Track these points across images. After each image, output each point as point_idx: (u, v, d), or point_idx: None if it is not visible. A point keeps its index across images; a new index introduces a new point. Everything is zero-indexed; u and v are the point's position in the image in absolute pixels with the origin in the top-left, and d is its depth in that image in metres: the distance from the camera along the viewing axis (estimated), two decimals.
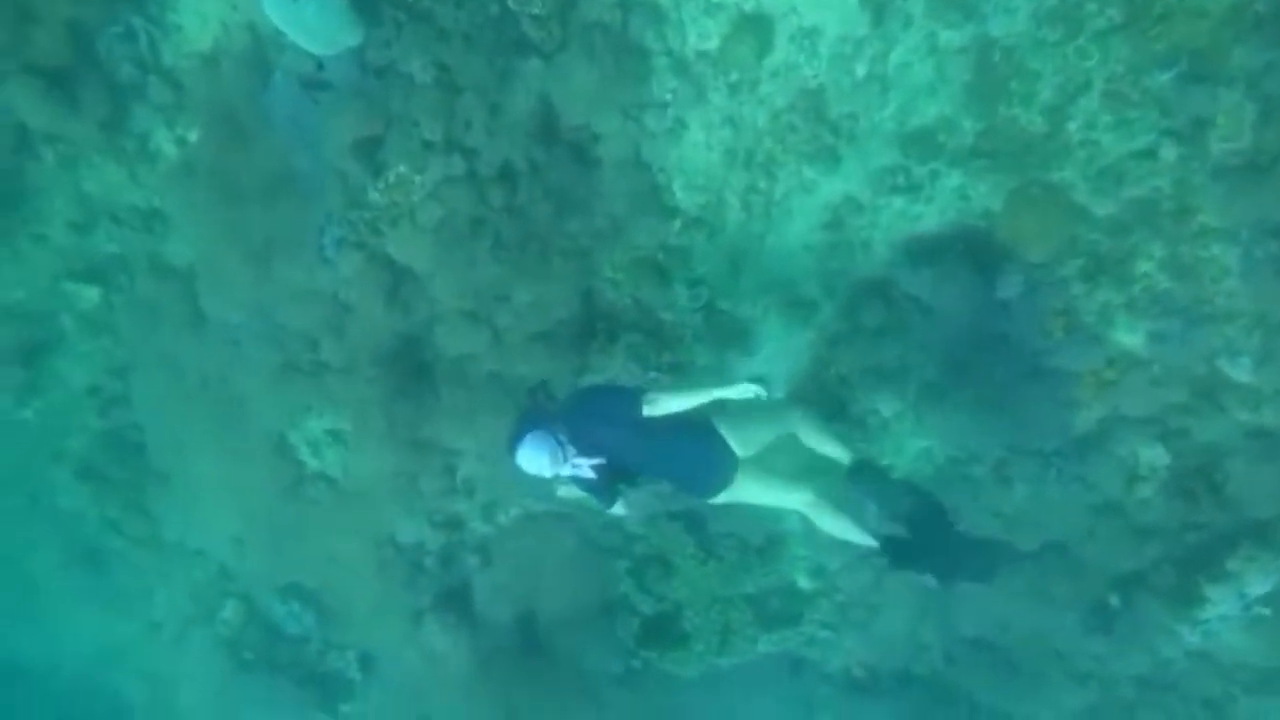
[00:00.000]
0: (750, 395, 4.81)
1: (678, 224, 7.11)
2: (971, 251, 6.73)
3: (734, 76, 6.57)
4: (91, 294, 8.14)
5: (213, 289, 7.57)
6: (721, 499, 5.08)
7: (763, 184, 6.86)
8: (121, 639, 10.44)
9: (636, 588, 8.42)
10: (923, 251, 6.86)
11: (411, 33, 6.19)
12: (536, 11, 6.18)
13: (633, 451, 4.87)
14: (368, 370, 7.12)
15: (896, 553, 5.24)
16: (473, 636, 8.55)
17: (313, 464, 7.98)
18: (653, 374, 7.39)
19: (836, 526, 5.24)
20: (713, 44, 6.51)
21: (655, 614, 8.43)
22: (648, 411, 4.70)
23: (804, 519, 5.38)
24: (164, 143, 7.49)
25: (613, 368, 7.38)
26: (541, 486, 5.02)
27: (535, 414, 4.87)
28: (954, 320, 6.85)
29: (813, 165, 6.73)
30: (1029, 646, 7.74)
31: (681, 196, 7.03)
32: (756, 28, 6.42)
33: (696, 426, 4.85)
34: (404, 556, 8.29)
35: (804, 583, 8.28)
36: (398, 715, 9.40)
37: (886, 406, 7.25)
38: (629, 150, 6.68)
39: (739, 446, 4.90)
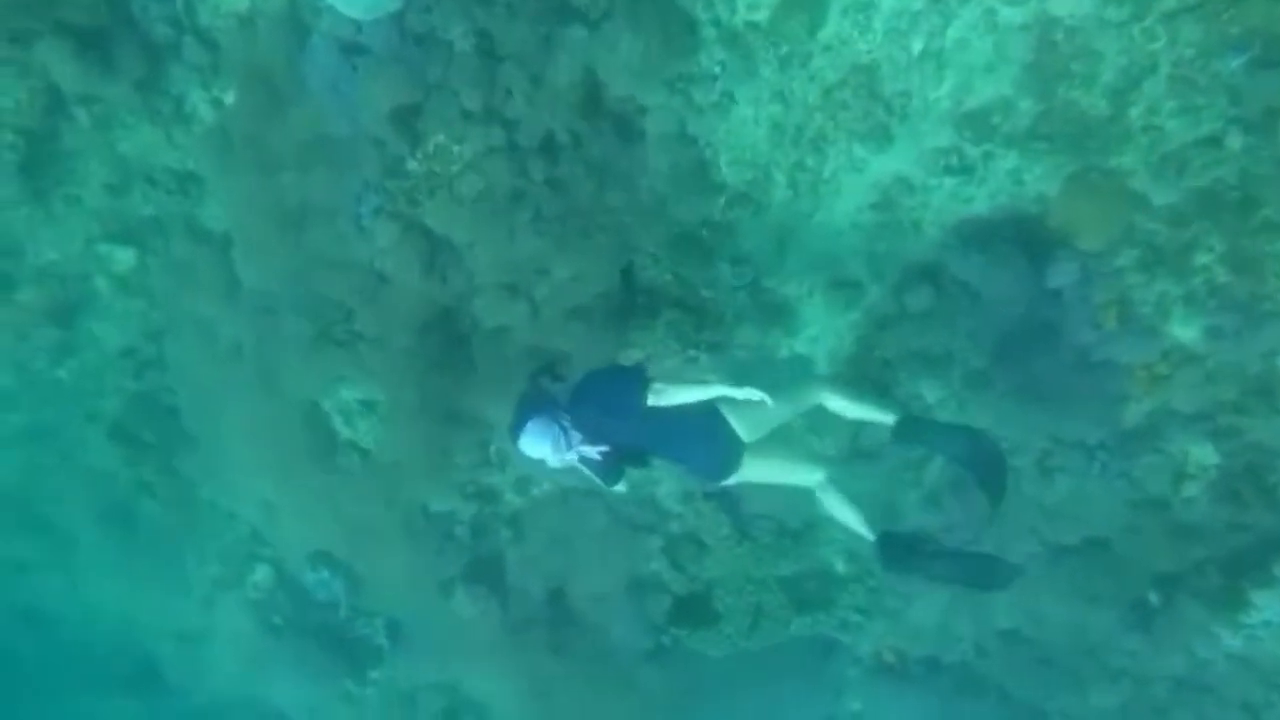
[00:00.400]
0: (755, 399, 4.65)
1: (723, 200, 6.95)
2: (1024, 237, 6.52)
3: (784, 50, 6.36)
4: (126, 256, 8.08)
5: (247, 255, 7.48)
6: (731, 481, 5.09)
7: (811, 161, 6.67)
8: (152, 598, 10.52)
9: (669, 565, 8.35)
10: (973, 235, 6.66)
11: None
12: None
13: (637, 438, 4.85)
14: (402, 341, 7.02)
15: (889, 552, 5.18)
16: (502, 607, 8.54)
17: (345, 433, 7.93)
18: (691, 352, 7.27)
19: (842, 511, 5.29)
20: (763, 15, 6.29)
21: (687, 593, 8.36)
22: (651, 401, 4.61)
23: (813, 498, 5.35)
24: (200, 104, 7.38)
25: (652, 344, 7.26)
26: (544, 468, 4.96)
27: (538, 399, 4.84)
28: (1003, 307, 6.67)
29: (864, 143, 6.53)
30: (1063, 641, 7.59)
31: (727, 172, 6.86)
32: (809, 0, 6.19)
33: (701, 413, 4.79)
34: (435, 526, 8.26)
35: (839, 567, 8.18)
36: (425, 683, 9.46)
37: (930, 392, 7.09)
38: (674, 124, 6.50)
39: (745, 431, 4.88)
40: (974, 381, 6.93)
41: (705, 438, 4.87)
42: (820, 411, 5.34)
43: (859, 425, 6.72)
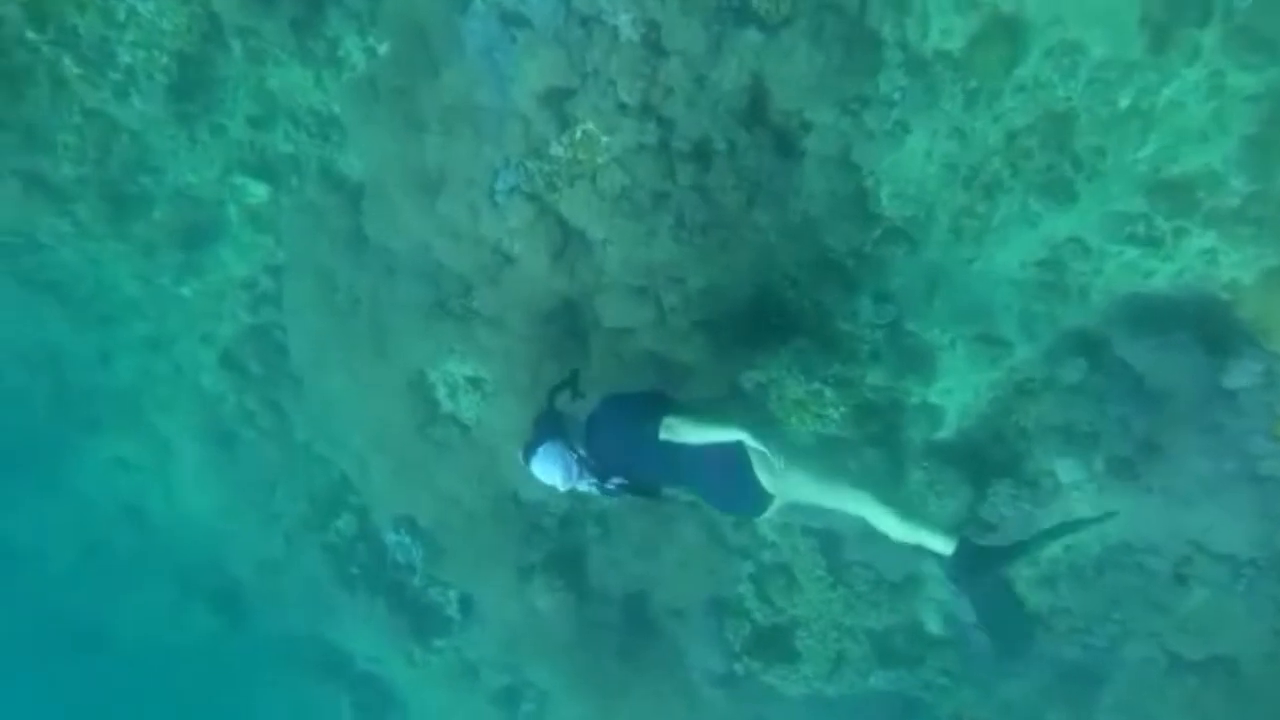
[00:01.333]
0: (769, 457, 4.27)
1: (877, 233, 6.48)
2: (1205, 326, 5.91)
3: (973, 84, 5.83)
4: (260, 191, 8.00)
5: (376, 211, 7.30)
6: (767, 516, 4.68)
7: (981, 207, 6.13)
8: (238, 522, 10.64)
9: (755, 593, 8.03)
10: (1147, 314, 6.07)
11: None
12: None
13: (653, 471, 4.61)
14: (520, 326, 6.76)
15: (965, 560, 4.22)
16: (579, 604, 8.33)
17: (447, 405, 7.74)
18: (816, 385, 6.86)
19: (905, 531, 4.33)
20: (956, 45, 5.76)
21: (769, 625, 8.02)
22: (664, 436, 4.35)
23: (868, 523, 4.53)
24: (353, 50, 7.18)
25: (776, 369, 6.87)
26: (556, 491, 4.71)
27: (554, 422, 4.64)
28: (1167, 397, 6.06)
29: (1042, 197, 5.97)
30: None
31: (887, 205, 6.37)
32: (1011, 33, 5.64)
33: (726, 456, 4.38)
34: (523, 512, 8.06)
35: (933, 627, 7.69)
36: (489, 660, 9.35)
37: (1066, 473, 6.52)
38: (839, 147, 6.03)
39: (770, 483, 4.44)
40: (1118, 470, 6.35)
41: (727, 473, 4.45)
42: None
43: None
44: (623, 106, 5.83)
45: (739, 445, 4.34)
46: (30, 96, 7.28)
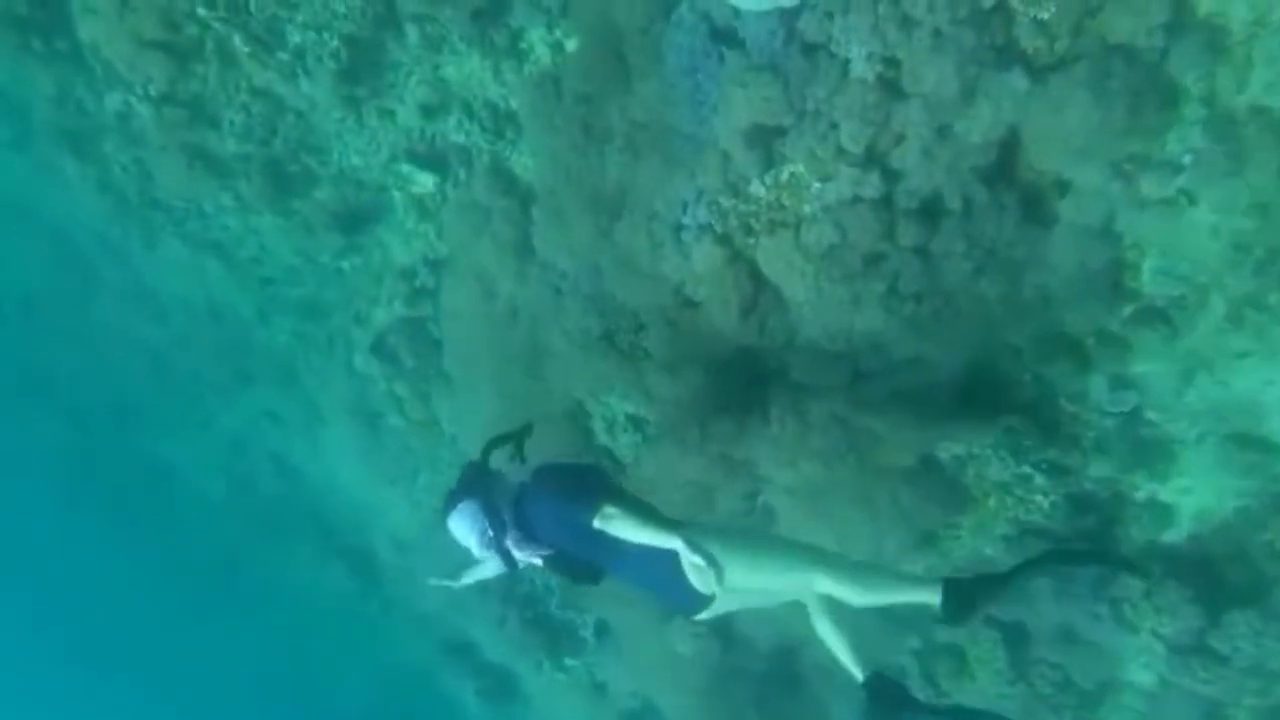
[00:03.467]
0: (703, 572, 3.97)
1: (1128, 310, 5.40)
2: None
3: None
4: (426, 181, 7.51)
5: (547, 223, 6.63)
6: (706, 616, 4.31)
7: (1274, 298, 4.98)
8: (381, 496, 10.45)
9: (918, 669, 7.23)
10: None
11: (863, 11, 4.65)
12: (1044, 15, 4.47)
13: (585, 552, 4.24)
14: (695, 376, 6.02)
15: (877, 699, 4.14)
16: (722, 651, 7.77)
17: (603, 439, 7.11)
18: (1025, 469, 5.93)
19: (833, 636, 4.23)
20: None
21: (927, 702, 7.19)
22: (598, 524, 4.00)
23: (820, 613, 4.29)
24: (538, 44, 6.48)
25: (978, 445, 5.97)
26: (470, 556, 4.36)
27: (481, 480, 4.26)
28: None
29: None
30: None
31: (1148, 281, 5.30)
32: None
33: (659, 555, 4.03)
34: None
35: None
36: (620, 686, 8.92)
37: None
38: (1101, 214, 4.98)
39: (705, 588, 4.09)
40: None
41: (658, 571, 4.10)
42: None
43: None
44: (843, 152, 4.91)
45: (673, 557, 4.02)
46: (199, 73, 6.98)
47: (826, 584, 4.14)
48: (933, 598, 4.11)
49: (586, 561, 4.31)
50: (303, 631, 14.02)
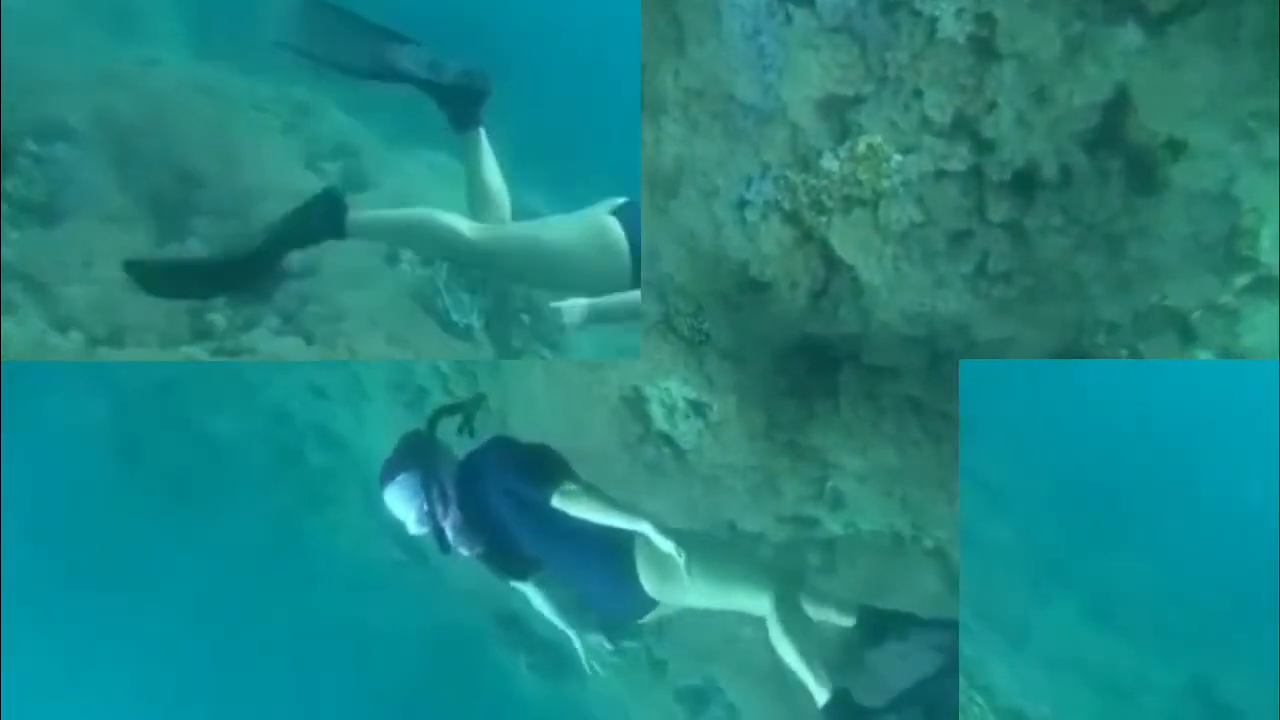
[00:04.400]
0: (668, 551, 3.74)
1: (1241, 282, 4.90)
2: None
3: None
4: None
5: None
6: (650, 619, 4.28)
7: None
8: None
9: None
10: None
11: None
12: None
13: (527, 540, 4.09)
14: (762, 361, 5.62)
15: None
16: None
17: (662, 426, 6.71)
18: None
19: (791, 654, 3.88)
20: None
21: None
22: (557, 502, 3.83)
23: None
24: None
25: None
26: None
27: (424, 452, 4.01)
28: None
29: None
30: None
31: (1267, 248, 4.77)
32: None
33: (609, 544, 3.91)
34: (738, 538, 7.09)
35: None
36: (680, 664, 8.67)
37: None
38: (1220, 178, 4.45)
39: (654, 588, 3.99)
40: None
41: (607, 565, 3.99)
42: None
43: None
44: (927, 121, 4.42)
45: (628, 541, 3.91)
46: None
47: (766, 608, 3.93)
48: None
49: (522, 556, 4.16)
50: (351, 601, 13.97)
